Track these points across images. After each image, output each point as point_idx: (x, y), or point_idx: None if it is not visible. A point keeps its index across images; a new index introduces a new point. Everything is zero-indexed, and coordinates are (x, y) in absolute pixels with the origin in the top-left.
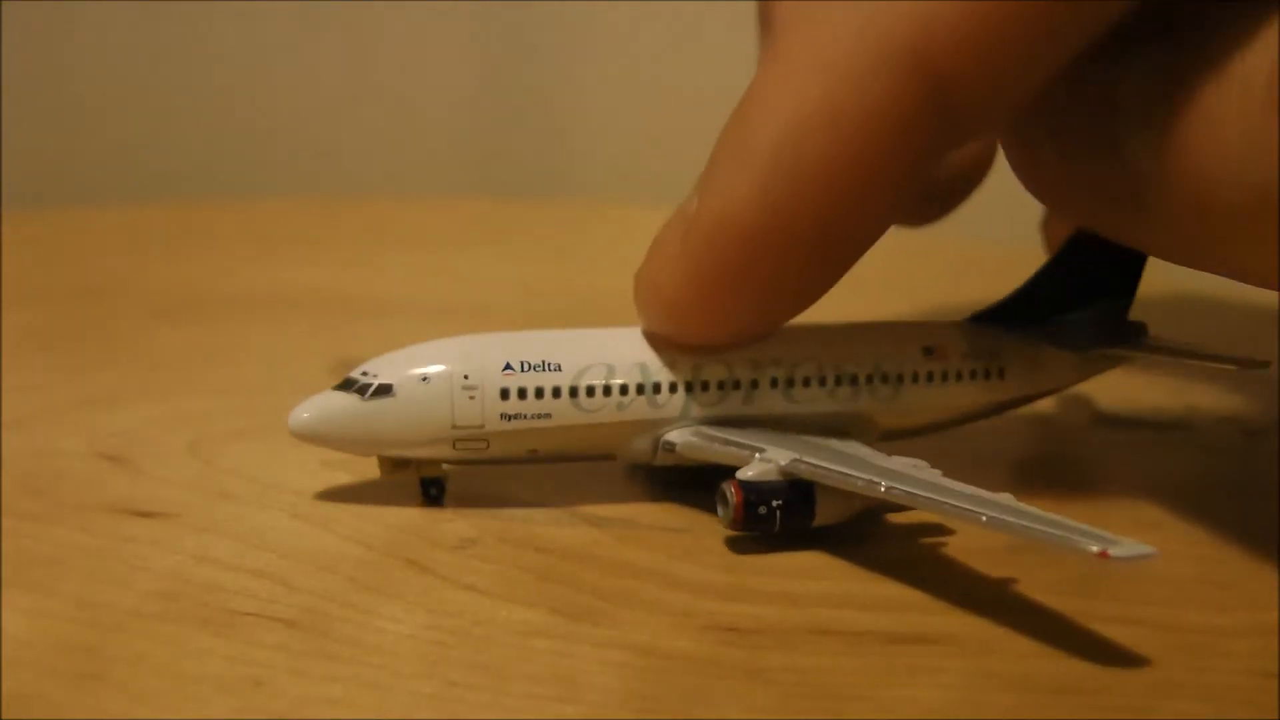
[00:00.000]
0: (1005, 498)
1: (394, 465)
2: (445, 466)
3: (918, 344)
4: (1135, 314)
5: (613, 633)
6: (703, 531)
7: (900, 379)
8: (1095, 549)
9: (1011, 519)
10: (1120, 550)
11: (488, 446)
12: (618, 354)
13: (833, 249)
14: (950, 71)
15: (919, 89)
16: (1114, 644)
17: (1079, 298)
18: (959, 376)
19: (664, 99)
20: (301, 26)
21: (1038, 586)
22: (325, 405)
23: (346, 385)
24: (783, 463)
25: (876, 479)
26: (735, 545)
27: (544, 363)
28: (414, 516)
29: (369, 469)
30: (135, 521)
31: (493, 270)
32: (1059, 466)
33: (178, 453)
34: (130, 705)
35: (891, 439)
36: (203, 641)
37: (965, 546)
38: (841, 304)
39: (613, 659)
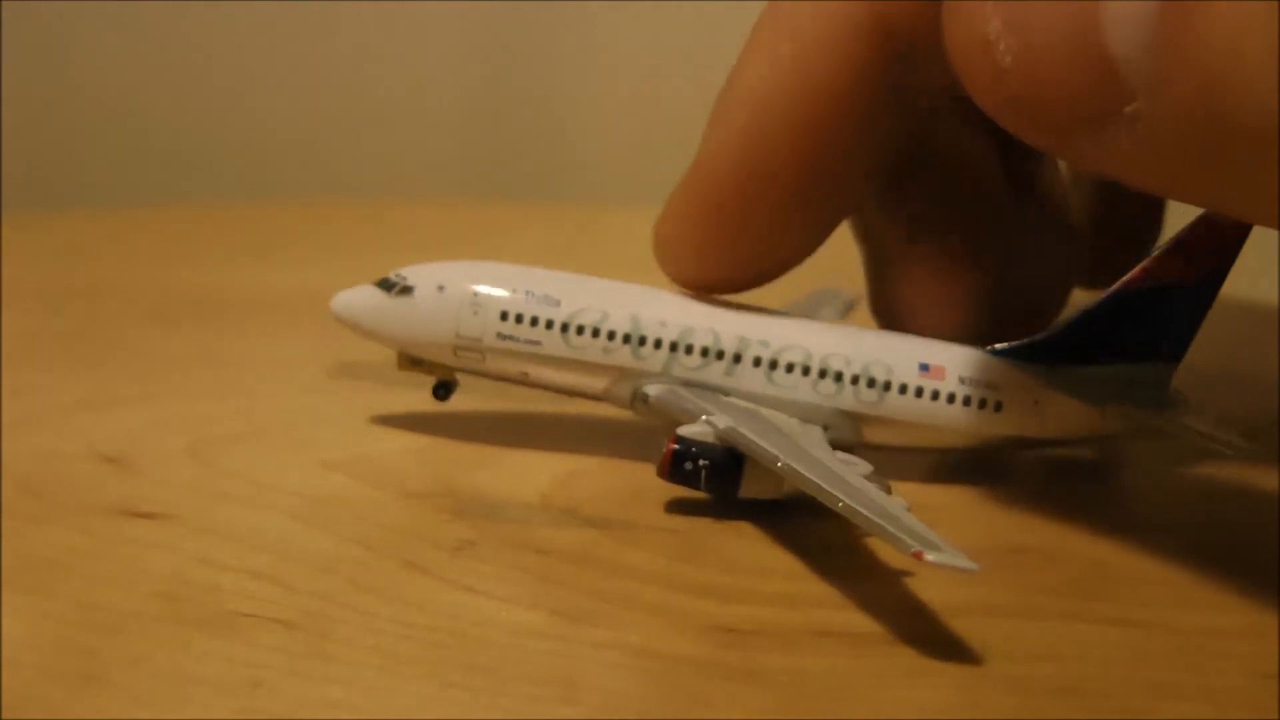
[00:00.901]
0: (897, 503)
1: (409, 361)
2: (457, 374)
3: (915, 357)
4: None
5: (612, 634)
6: (702, 533)
7: (887, 386)
8: (913, 548)
9: (860, 509)
10: (936, 556)
11: (484, 360)
12: (616, 304)
13: (808, 200)
14: (903, 25)
15: (875, 44)
16: (1113, 645)
17: (1115, 352)
18: (950, 399)
19: (663, 101)
20: (301, 29)
21: (1037, 588)
22: (359, 295)
23: (381, 282)
24: (720, 427)
25: (777, 454)
26: (734, 546)
27: (546, 296)
28: (413, 518)
29: (368, 470)
30: (135, 523)
31: None
32: (1059, 466)
33: (177, 454)
34: (130, 707)
35: (877, 452)
36: (202, 643)
37: (965, 549)
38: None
39: (612, 660)
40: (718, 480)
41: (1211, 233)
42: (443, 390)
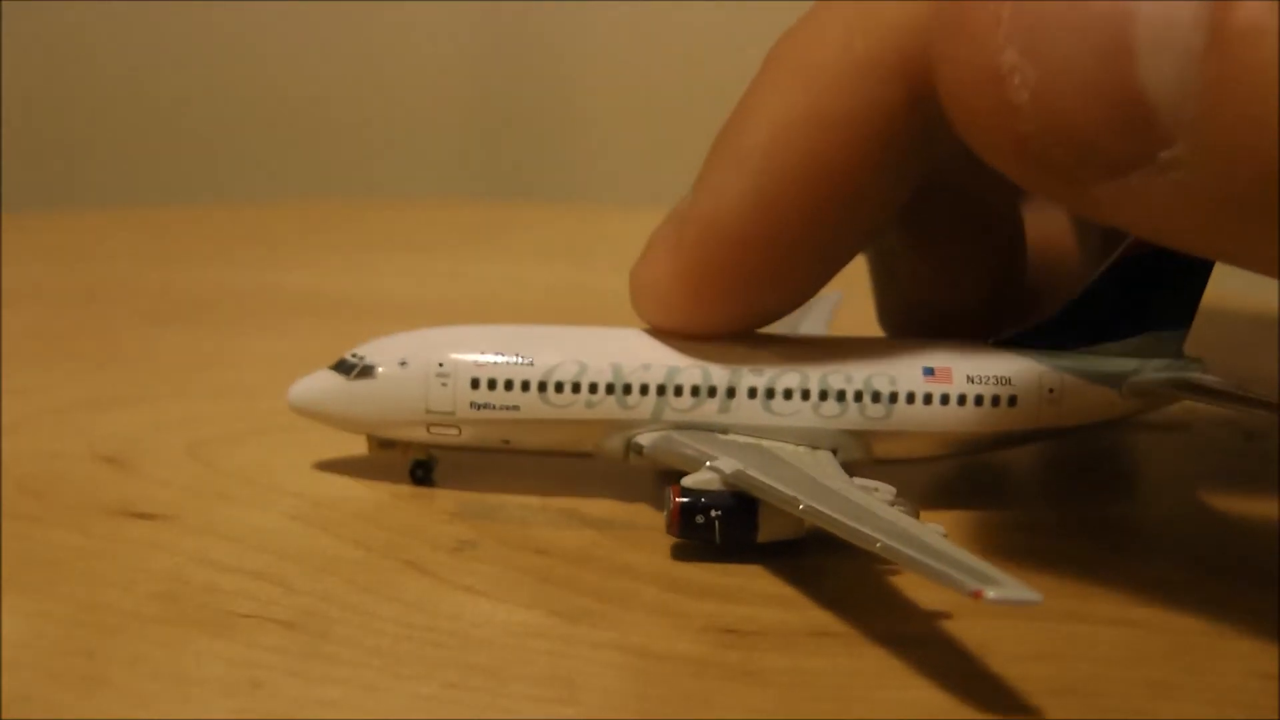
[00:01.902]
0: (932, 530)
1: (380, 444)
2: (434, 451)
3: (917, 362)
4: None
5: (611, 634)
6: None
7: (894, 398)
8: (971, 588)
9: (904, 549)
10: (997, 592)
11: (459, 433)
12: (593, 353)
13: (819, 247)
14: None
15: (901, 92)
16: (1113, 645)
17: (1123, 326)
18: (961, 400)
19: (663, 103)
20: (302, 30)
21: (1036, 588)
22: (316, 383)
23: (338, 365)
24: (727, 472)
25: (797, 496)
26: None
27: (517, 356)
28: (413, 519)
29: (367, 471)
30: (134, 523)
31: (491, 272)
32: (1059, 467)
33: (177, 455)
34: (130, 707)
35: (889, 465)
36: (202, 643)
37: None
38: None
39: (611, 660)
40: (733, 530)
41: None
42: (421, 471)
